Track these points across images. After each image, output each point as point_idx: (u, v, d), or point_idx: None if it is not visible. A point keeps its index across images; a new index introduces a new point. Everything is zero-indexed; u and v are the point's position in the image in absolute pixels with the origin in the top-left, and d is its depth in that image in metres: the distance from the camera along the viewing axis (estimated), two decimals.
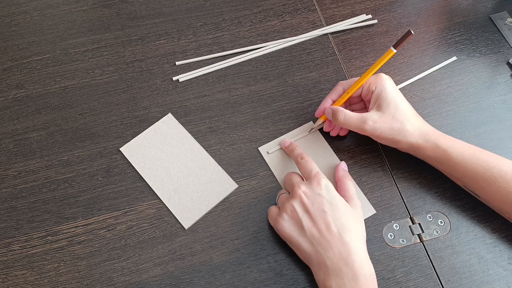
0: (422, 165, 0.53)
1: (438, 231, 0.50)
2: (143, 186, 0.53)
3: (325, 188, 0.47)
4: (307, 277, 0.48)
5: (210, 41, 0.63)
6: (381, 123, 0.49)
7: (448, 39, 0.64)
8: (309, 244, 0.45)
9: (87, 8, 0.66)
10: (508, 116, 0.58)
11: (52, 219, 0.51)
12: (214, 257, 0.49)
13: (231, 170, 0.54)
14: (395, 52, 0.50)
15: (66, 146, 0.55)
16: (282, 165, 0.54)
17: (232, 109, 0.58)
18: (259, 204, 0.52)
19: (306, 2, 0.67)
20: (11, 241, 0.50)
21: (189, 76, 0.60)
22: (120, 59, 0.61)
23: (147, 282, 0.48)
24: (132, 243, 0.50)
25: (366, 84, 0.52)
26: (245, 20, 0.65)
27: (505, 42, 0.63)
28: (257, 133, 0.56)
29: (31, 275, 0.48)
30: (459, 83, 0.60)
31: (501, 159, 0.48)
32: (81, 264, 0.49)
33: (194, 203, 0.52)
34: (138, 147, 0.55)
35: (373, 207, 0.52)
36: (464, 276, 0.48)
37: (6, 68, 0.61)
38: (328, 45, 0.63)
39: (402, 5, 0.67)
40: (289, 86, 0.60)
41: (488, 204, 0.49)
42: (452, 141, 0.49)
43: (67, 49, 0.62)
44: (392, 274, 0.48)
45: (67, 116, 0.57)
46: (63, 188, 0.53)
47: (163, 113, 0.57)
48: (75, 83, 0.60)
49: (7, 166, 0.54)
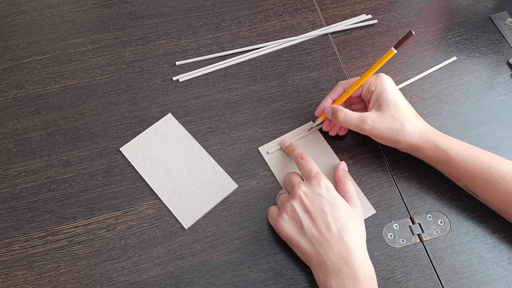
0: (422, 165, 0.53)
1: (438, 231, 0.50)
2: (143, 186, 0.53)
3: (325, 188, 0.47)
4: (307, 277, 0.48)
5: (210, 41, 0.63)
6: (381, 122, 0.49)
7: (448, 39, 0.64)
8: (309, 244, 0.45)
9: (87, 8, 0.66)
10: (508, 116, 0.58)
11: (52, 219, 0.51)
12: (214, 257, 0.49)
13: (231, 170, 0.54)
14: (395, 53, 0.50)
15: (66, 146, 0.55)
16: (282, 165, 0.54)
17: (232, 109, 0.58)
18: (259, 204, 0.52)
19: (306, 2, 0.67)
20: (11, 241, 0.50)
21: (189, 76, 0.60)
22: (120, 59, 0.61)
23: (147, 282, 0.48)
24: (132, 243, 0.50)
25: (366, 84, 0.52)
26: (245, 20, 0.65)
27: (505, 42, 0.63)
28: (257, 133, 0.56)
29: (31, 275, 0.48)
30: (459, 83, 0.60)
31: (500, 159, 0.48)
32: (81, 264, 0.49)
33: (194, 203, 0.52)
34: (138, 147, 0.55)
35: (373, 207, 0.52)
36: (464, 276, 0.48)
37: (6, 68, 0.61)
38: (328, 45, 0.63)
39: (402, 5, 0.67)
40: (289, 86, 0.60)
41: (488, 204, 0.49)
42: (451, 142, 0.49)
43: (67, 49, 0.62)
44: (392, 274, 0.48)
45: (67, 116, 0.57)
46: (63, 188, 0.53)
47: (163, 113, 0.57)
48: (75, 83, 0.60)
49: (7, 166, 0.54)
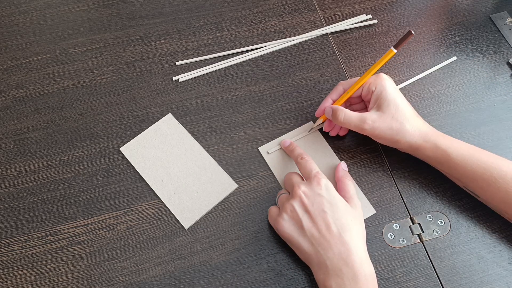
0: (422, 165, 0.53)
1: (438, 231, 0.50)
2: (143, 186, 0.53)
3: (325, 188, 0.47)
4: (307, 277, 0.48)
5: (210, 41, 0.63)
6: (380, 123, 0.49)
7: (448, 39, 0.64)
8: (309, 244, 0.45)
9: (87, 8, 0.66)
10: (508, 116, 0.58)
11: (52, 219, 0.51)
12: (214, 257, 0.49)
13: (231, 170, 0.54)
14: (395, 53, 0.50)
15: (66, 146, 0.55)
16: (282, 165, 0.54)
17: (232, 109, 0.58)
18: (259, 204, 0.52)
19: (306, 2, 0.67)
20: (11, 241, 0.50)
21: (189, 76, 0.60)
22: (120, 59, 0.61)
23: (147, 282, 0.48)
24: (132, 243, 0.50)
25: (366, 84, 0.52)
26: (245, 20, 0.65)
27: (505, 42, 0.63)
28: (257, 133, 0.56)
29: (31, 275, 0.48)
30: (459, 83, 0.60)
31: (501, 159, 0.47)
32: (81, 264, 0.49)
33: (194, 203, 0.52)
34: (138, 147, 0.55)
35: (373, 207, 0.52)
36: (464, 276, 0.48)
37: (6, 68, 0.61)
38: (328, 45, 0.63)
39: (402, 5, 0.67)
40: (289, 86, 0.60)
41: (488, 204, 0.49)
42: (451, 142, 0.49)
43: (67, 49, 0.62)
44: (392, 274, 0.48)
45: (67, 116, 0.57)
46: (63, 188, 0.53)
47: (163, 113, 0.57)
48: (75, 83, 0.60)
49: (7, 166, 0.54)
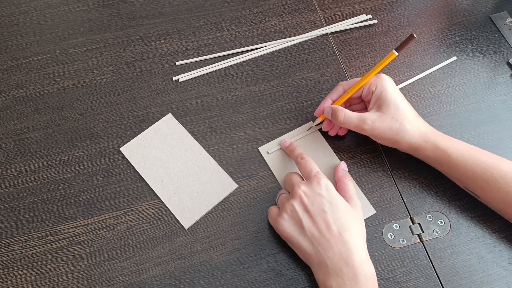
0: (422, 165, 0.53)
1: (438, 231, 0.50)
2: (143, 186, 0.53)
3: (325, 188, 0.47)
4: (307, 277, 0.48)
5: (210, 41, 0.63)
6: (380, 123, 0.49)
7: (448, 39, 0.64)
8: (309, 244, 0.45)
9: (87, 8, 0.66)
10: (508, 116, 0.58)
11: (52, 219, 0.51)
12: (214, 257, 0.49)
13: (231, 170, 0.54)
14: (396, 55, 0.50)
15: (66, 146, 0.55)
16: (282, 165, 0.54)
17: (232, 109, 0.58)
18: (259, 204, 0.52)
19: (306, 2, 0.67)
20: (11, 241, 0.50)
21: (189, 76, 0.60)
22: (120, 59, 0.61)
23: (147, 282, 0.48)
24: (132, 243, 0.50)
25: (366, 85, 0.52)
26: (245, 20, 0.65)
27: (505, 42, 0.63)
28: (257, 133, 0.56)
29: (31, 275, 0.48)
30: (459, 83, 0.60)
31: (501, 159, 0.47)
32: (81, 264, 0.49)
33: (194, 203, 0.52)
34: (138, 147, 0.55)
35: (373, 207, 0.52)
36: (464, 276, 0.48)
37: (6, 68, 0.61)
38: (328, 45, 0.63)
39: (402, 5, 0.67)
40: (289, 86, 0.60)
41: (488, 204, 0.49)
42: (451, 142, 0.49)
43: (67, 49, 0.62)
44: (392, 274, 0.48)
45: (67, 116, 0.57)
46: (63, 188, 0.53)
47: (163, 113, 0.57)
48: (75, 83, 0.60)
49: (7, 166, 0.54)
